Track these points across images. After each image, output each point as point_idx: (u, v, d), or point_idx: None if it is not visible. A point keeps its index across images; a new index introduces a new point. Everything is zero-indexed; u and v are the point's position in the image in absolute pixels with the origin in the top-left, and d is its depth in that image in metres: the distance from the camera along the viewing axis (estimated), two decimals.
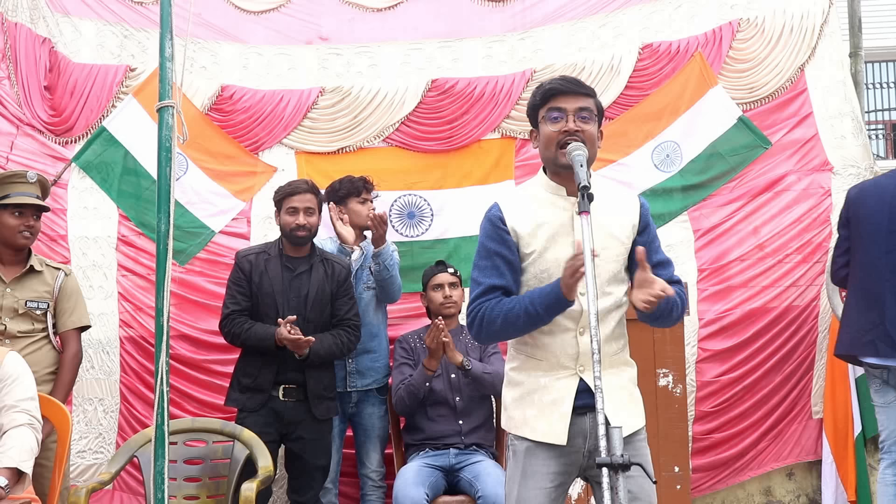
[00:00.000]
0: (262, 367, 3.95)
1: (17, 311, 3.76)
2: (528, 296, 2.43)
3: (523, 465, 2.50)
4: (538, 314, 2.40)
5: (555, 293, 2.34)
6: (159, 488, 2.72)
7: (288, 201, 4.06)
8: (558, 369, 2.48)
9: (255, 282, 4.01)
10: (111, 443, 4.62)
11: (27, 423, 3.13)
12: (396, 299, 4.42)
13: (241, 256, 4.11)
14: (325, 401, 4.03)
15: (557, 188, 2.54)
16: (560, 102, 2.49)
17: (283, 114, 5.08)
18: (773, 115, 5.02)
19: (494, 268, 2.51)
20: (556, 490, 2.50)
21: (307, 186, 4.12)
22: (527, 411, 2.52)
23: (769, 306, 4.79)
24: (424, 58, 5.22)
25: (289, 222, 4.04)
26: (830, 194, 4.89)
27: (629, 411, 2.50)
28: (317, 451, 4.01)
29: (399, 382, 4.16)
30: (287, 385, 3.95)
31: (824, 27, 5.06)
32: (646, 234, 2.57)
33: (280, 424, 3.95)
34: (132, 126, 4.91)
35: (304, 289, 4.03)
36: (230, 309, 4.01)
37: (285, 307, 3.96)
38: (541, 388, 2.49)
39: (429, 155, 5.12)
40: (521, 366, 2.56)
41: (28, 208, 3.83)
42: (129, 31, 5.13)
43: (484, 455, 4.08)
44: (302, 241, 4.07)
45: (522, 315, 2.42)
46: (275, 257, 4.07)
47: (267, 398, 3.94)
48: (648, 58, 5.10)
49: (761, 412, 4.73)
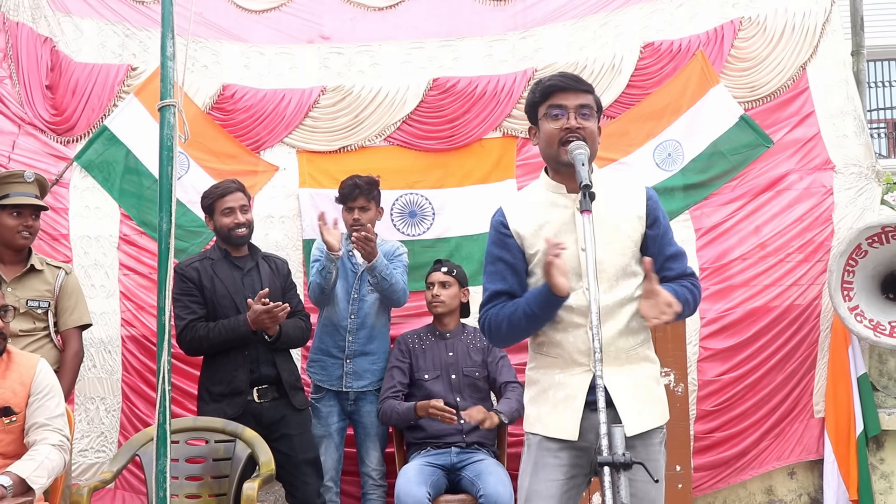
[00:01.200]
0: (235, 369, 3.93)
1: (18, 310, 3.76)
2: (525, 297, 2.47)
3: (535, 457, 2.52)
4: (535, 314, 2.44)
5: (545, 291, 2.37)
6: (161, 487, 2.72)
7: (221, 202, 4.06)
8: (572, 365, 2.48)
9: (207, 287, 3.99)
10: (113, 442, 4.63)
11: (58, 444, 3.16)
12: (403, 303, 4.38)
13: (183, 266, 4.05)
14: (299, 391, 4.08)
15: (558, 186, 2.54)
16: (560, 99, 2.50)
17: (285, 113, 5.08)
18: (775, 114, 5.01)
19: (497, 273, 2.55)
20: (568, 483, 2.49)
21: (236, 185, 4.13)
22: (541, 408, 2.53)
23: (771, 305, 4.78)
24: (426, 57, 5.22)
25: (227, 223, 4.03)
26: (832, 193, 4.88)
27: (646, 409, 2.49)
28: (303, 445, 4.02)
29: (388, 391, 4.16)
30: (260, 386, 3.95)
31: (826, 26, 5.05)
32: (656, 226, 2.56)
33: (261, 427, 3.90)
34: (134, 125, 4.91)
35: (257, 285, 4.03)
36: (186, 319, 3.95)
37: (243, 306, 3.94)
38: (555, 385, 2.50)
39: (430, 154, 5.11)
40: (538, 364, 2.59)
41: (26, 208, 3.84)
42: (130, 31, 5.13)
43: (485, 454, 4.07)
44: (243, 241, 4.10)
45: (523, 317, 2.46)
46: (220, 260, 4.07)
47: (246, 401, 3.93)
48: (650, 57, 5.09)
49: (763, 411, 4.73)
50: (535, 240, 2.51)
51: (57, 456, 3.13)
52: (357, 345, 4.26)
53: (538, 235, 2.51)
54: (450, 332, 4.28)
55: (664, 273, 2.52)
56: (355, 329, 4.28)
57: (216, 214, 4.08)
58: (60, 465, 3.15)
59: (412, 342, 4.29)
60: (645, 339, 2.58)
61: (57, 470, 3.13)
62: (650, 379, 2.56)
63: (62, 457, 3.17)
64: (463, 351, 4.21)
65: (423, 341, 4.27)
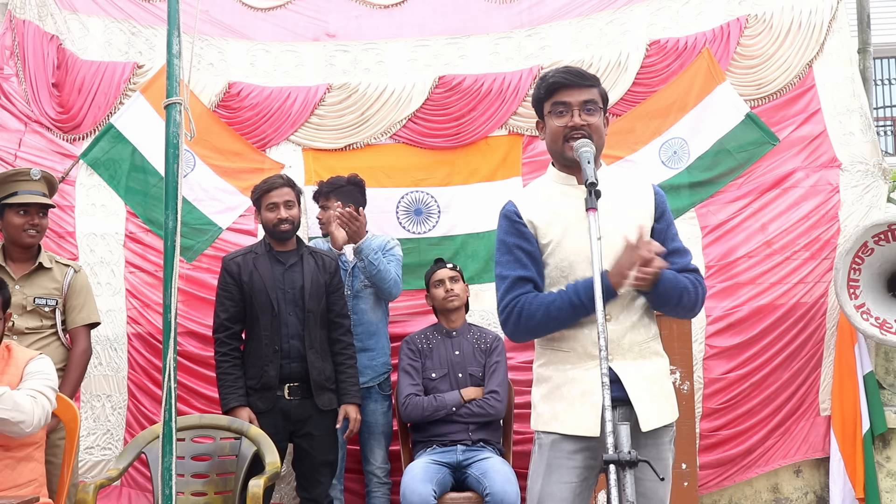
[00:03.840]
0: (266, 364, 3.94)
1: (26, 307, 3.77)
2: (573, 287, 2.41)
3: (548, 458, 2.48)
4: (582, 304, 2.37)
5: (604, 284, 2.28)
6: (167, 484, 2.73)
7: (267, 198, 4.07)
8: (586, 359, 2.45)
9: (245, 282, 4.00)
10: (119, 439, 4.64)
11: (28, 394, 3.06)
12: (395, 295, 4.36)
13: (227, 260, 4.10)
14: (327, 392, 4.03)
15: (568, 178, 2.55)
16: (564, 96, 2.50)
17: (291, 111, 5.08)
18: (781, 112, 5.00)
19: (517, 260, 2.50)
20: (580, 485, 2.47)
21: (283, 181, 4.13)
22: (556, 406, 2.49)
23: (777, 303, 4.77)
24: (431, 54, 5.22)
25: (271, 218, 4.04)
26: (838, 191, 4.86)
27: (658, 405, 2.46)
28: (325, 447, 4.02)
29: (409, 394, 4.15)
30: (291, 383, 3.96)
31: (832, 23, 5.03)
32: (663, 220, 2.57)
33: (289, 423, 3.95)
34: (140, 123, 4.92)
35: (299, 281, 4.04)
36: (220, 318, 4.02)
37: (281, 301, 3.97)
38: (569, 381, 2.47)
39: (436, 152, 5.11)
40: (549, 361, 2.54)
41: (33, 206, 3.84)
42: (136, 28, 5.14)
43: (491, 452, 4.07)
44: (287, 236, 4.08)
45: (567, 307, 2.40)
46: (263, 255, 4.07)
47: (275, 396, 3.94)
48: (656, 54, 5.08)
49: (769, 409, 4.72)
50: (549, 230, 2.50)
51: (23, 398, 3.01)
52: (357, 341, 4.25)
53: (552, 225, 2.50)
54: (456, 330, 4.28)
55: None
56: (353, 326, 4.27)
57: (262, 210, 4.10)
58: (29, 405, 3.01)
59: (420, 342, 4.29)
60: (656, 334, 2.56)
61: (20, 406, 2.98)
62: (662, 374, 2.54)
63: (29, 397, 3.03)
64: (469, 350, 4.22)
65: (429, 341, 4.27)
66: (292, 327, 3.97)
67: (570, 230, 2.47)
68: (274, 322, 3.96)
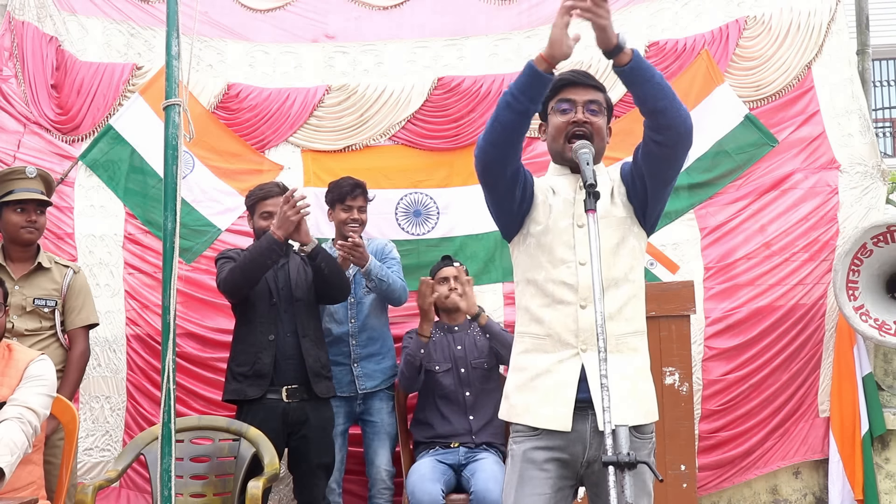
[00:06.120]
0: (260, 351, 3.92)
1: (25, 308, 3.77)
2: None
3: (520, 469, 2.42)
4: (512, 94, 2.38)
5: (529, 68, 2.34)
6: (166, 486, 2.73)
7: (261, 205, 4.11)
8: (560, 348, 2.41)
9: None
10: (118, 440, 4.63)
11: (16, 416, 3.00)
12: (404, 300, 4.36)
13: (223, 252, 4.16)
14: (324, 379, 4.03)
15: (562, 169, 2.58)
16: (570, 94, 2.51)
17: (290, 112, 5.08)
18: (780, 113, 5.00)
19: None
20: (555, 496, 2.41)
21: (279, 189, 4.14)
22: (529, 397, 2.44)
23: (776, 304, 4.77)
24: (430, 56, 5.22)
25: (264, 227, 4.03)
26: (837, 192, 4.87)
27: (625, 404, 2.32)
28: (320, 450, 4.01)
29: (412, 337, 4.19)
30: (289, 385, 3.94)
31: (831, 25, 5.04)
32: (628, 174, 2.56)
33: (285, 426, 3.94)
34: (139, 124, 4.91)
35: (291, 274, 4.08)
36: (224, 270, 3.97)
37: (276, 288, 4.01)
38: (544, 373, 2.42)
39: (435, 153, 5.11)
40: (526, 349, 2.50)
41: (30, 204, 3.85)
42: (135, 30, 5.14)
43: (492, 454, 4.04)
44: None
45: (503, 105, 2.40)
46: None
47: (267, 385, 3.90)
48: (655, 55, 5.07)
49: (768, 411, 4.72)
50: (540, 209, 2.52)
51: (15, 428, 2.96)
52: (361, 348, 4.27)
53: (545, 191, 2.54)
54: (458, 326, 4.28)
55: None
56: (357, 332, 4.28)
57: (255, 216, 4.13)
58: (22, 438, 2.96)
59: None
60: (639, 331, 2.49)
61: (21, 444, 2.94)
62: (637, 373, 2.44)
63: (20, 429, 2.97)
64: (470, 344, 4.21)
65: (431, 335, 4.26)
66: (287, 323, 3.98)
67: (556, 211, 2.50)
68: (271, 311, 3.97)
